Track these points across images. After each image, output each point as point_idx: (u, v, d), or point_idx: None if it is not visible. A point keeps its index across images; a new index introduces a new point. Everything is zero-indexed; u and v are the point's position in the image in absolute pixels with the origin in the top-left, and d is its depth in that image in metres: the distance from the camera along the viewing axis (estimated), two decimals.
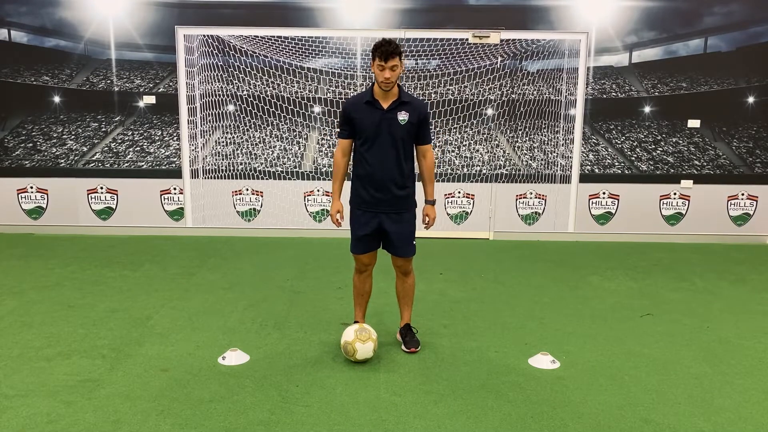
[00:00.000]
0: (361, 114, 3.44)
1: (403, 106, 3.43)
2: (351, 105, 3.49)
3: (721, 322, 4.21)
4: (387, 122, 3.41)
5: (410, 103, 3.45)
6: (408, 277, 3.71)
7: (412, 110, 3.44)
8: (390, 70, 3.29)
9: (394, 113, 3.41)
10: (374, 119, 3.41)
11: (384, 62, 3.27)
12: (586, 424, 2.84)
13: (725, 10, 6.46)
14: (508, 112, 6.58)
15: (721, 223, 6.82)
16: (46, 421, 2.80)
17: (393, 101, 3.42)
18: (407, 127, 3.44)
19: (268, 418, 2.85)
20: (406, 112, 3.42)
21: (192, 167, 6.68)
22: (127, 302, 4.47)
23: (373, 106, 3.42)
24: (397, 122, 3.42)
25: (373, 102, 3.42)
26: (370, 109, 3.42)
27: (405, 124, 3.43)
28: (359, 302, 3.79)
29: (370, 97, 3.43)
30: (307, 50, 6.42)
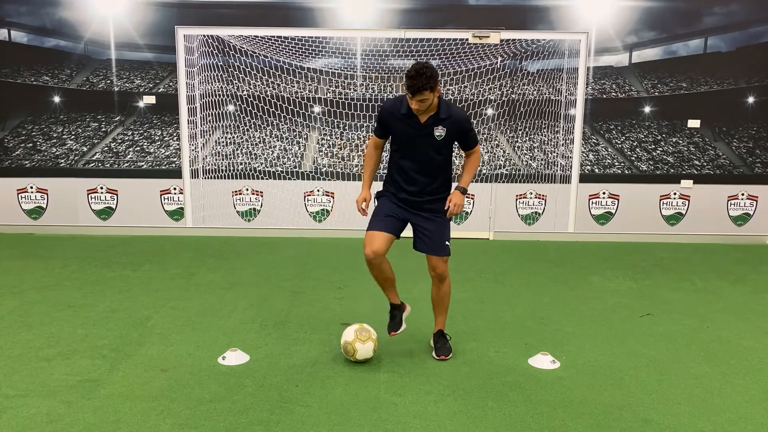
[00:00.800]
0: (397, 125, 3.32)
1: (440, 122, 3.27)
2: (387, 113, 3.35)
3: (721, 322, 4.21)
4: (423, 138, 3.29)
5: (449, 117, 3.28)
6: (443, 283, 3.51)
7: (450, 124, 3.28)
8: (417, 103, 3.16)
9: (431, 129, 3.28)
10: (410, 133, 3.29)
11: (412, 96, 3.13)
12: (586, 424, 2.84)
13: (725, 10, 6.46)
14: (508, 112, 6.58)
15: (721, 223, 6.82)
16: (46, 421, 2.80)
17: (431, 116, 3.26)
18: (444, 141, 3.31)
19: (268, 418, 2.85)
20: (443, 128, 3.27)
21: (192, 167, 6.68)
22: (127, 302, 4.47)
23: (410, 119, 3.27)
24: (434, 138, 3.29)
25: (409, 115, 3.27)
26: (407, 121, 3.28)
27: (441, 139, 3.30)
28: (387, 287, 3.56)
29: (407, 110, 3.25)
30: (307, 50, 6.42)
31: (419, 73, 3.07)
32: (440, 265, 3.44)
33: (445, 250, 3.43)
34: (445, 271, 3.47)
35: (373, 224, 3.40)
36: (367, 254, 3.35)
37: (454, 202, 3.36)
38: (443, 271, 3.46)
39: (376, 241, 3.34)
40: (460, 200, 3.37)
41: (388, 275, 3.49)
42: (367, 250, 3.35)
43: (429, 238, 3.41)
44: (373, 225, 3.40)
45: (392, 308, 3.64)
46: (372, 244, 3.34)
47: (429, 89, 3.10)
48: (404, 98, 3.26)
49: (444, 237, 3.44)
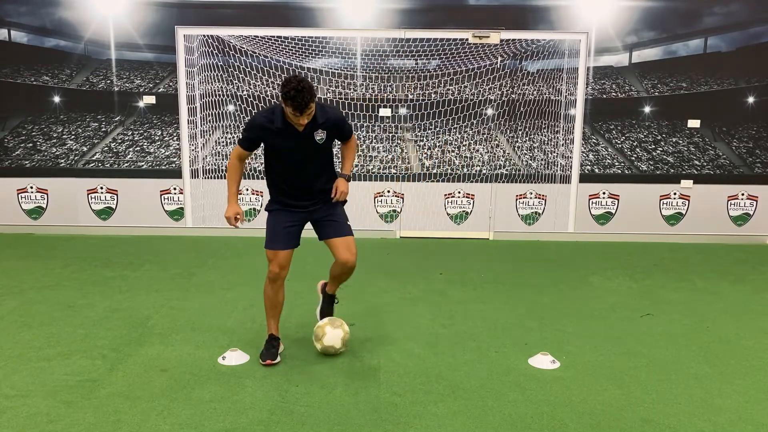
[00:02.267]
0: (273, 138, 3.25)
1: (319, 126, 3.25)
2: (260, 128, 3.25)
3: (721, 322, 4.21)
4: (305, 145, 3.26)
5: (326, 120, 3.26)
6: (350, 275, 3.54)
7: (329, 127, 3.28)
8: (306, 117, 3.11)
9: (310, 135, 3.25)
10: (290, 144, 3.25)
11: (300, 113, 3.06)
12: (586, 424, 2.84)
13: (725, 10, 6.46)
14: (508, 112, 6.58)
15: (721, 223, 6.82)
16: (46, 421, 2.80)
17: (308, 123, 3.20)
18: (326, 143, 3.32)
19: (268, 418, 2.85)
20: (323, 131, 3.27)
21: (192, 167, 6.68)
22: (127, 302, 4.47)
23: (287, 130, 3.22)
24: (315, 142, 3.27)
25: (285, 127, 3.21)
26: (284, 133, 3.22)
27: (323, 142, 3.30)
28: (273, 314, 3.51)
29: (281, 123, 3.20)
30: (307, 50, 6.42)
31: (299, 89, 3.00)
32: (350, 259, 3.41)
33: (348, 230, 3.44)
34: (355, 263, 3.46)
35: (272, 242, 3.39)
36: (273, 270, 3.37)
37: (341, 189, 3.40)
38: (354, 263, 3.44)
39: (279, 258, 3.36)
40: (345, 187, 3.42)
41: (280, 299, 3.50)
42: (272, 266, 3.37)
43: (330, 222, 3.41)
44: (273, 243, 3.38)
45: (271, 339, 3.52)
46: (276, 261, 3.36)
47: (312, 101, 3.08)
48: (276, 109, 3.22)
49: (343, 217, 3.47)
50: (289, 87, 3.01)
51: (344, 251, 3.42)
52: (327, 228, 3.44)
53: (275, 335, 3.54)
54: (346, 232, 3.44)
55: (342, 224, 3.45)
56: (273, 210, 3.45)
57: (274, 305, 3.50)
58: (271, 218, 3.44)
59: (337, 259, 3.46)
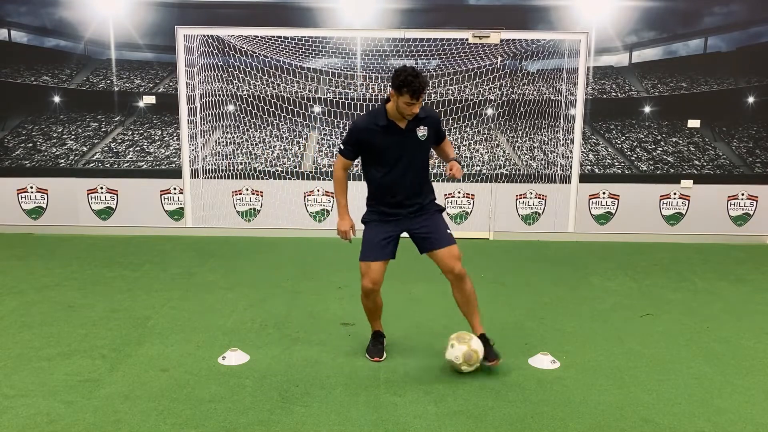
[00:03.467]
0: (377, 138, 3.24)
1: (421, 122, 3.26)
2: (364, 130, 3.27)
3: (721, 322, 4.21)
4: (408, 143, 3.26)
5: (427, 116, 3.29)
6: (464, 282, 3.36)
7: (430, 123, 3.30)
8: (419, 106, 3.14)
9: (413, 131, 3.26)
10: (394, 142, 3.25)
11: (416, 100, 3.08)
12: (586, 424, 2.84)
13: (725, 10, 6.46)
14: (508, 112, 6.58)
15: (721, 223, 6.82)
16: (46, 421, 2.80)
17: (410, 120, 3.24)
18: (427, 141, 3.33)
19: (268, 418, 2.85)
20: (424, 127, 3.28)
21: (192, 167, 6.68)
22: (127, 302, 4.47)
23: (391, 128, 3.23)
24: (418, 139, 3.28)
25: (389, 125, 3.23)
26: (388, 131, 3.24)
27: (425, 139, 3.30)
28: (374, 317, 3.57)
29: (385, 120, 3.22)
30: (307, 50, 6.42)
31: (415, 75, 3.04)
32: (456, 264, 3.32)
33: (449, 239, 3.36)
34: (463, 269, 3.35)
35: (367, 254, 3.34)
36: (366, 285, 3.34)
37: (457, 167, 3.29)
38: (461, 269, 3.34)
39: (373, 272, 3.32)
40: (458, 166, 3.31)
41: (379, 304, 3.51)
42: (365, 281, 3.34)
43: (429, 233, 3.35)
44: (367, 254, 3.34)
45: (376, 335, 3.60)
46: (370, 275, 3.32)
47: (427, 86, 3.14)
48: (376, 111, 3.27)
49: (443, 227, 3.39)
50: (405, 74, 3.04)
51: (448, 259, 3.32)
52: (428, 241, 3.36)
53: (380, 331, 3.59)
54: (447, 241, 3.35)
55: (443, 234, 3.36)
56: (370, 221, 3.41)
57: (373, 311, 3.53)
58: (368, 230, 3.40)
59: (443, 269, 3.36)
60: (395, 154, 3.27)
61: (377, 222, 3.38)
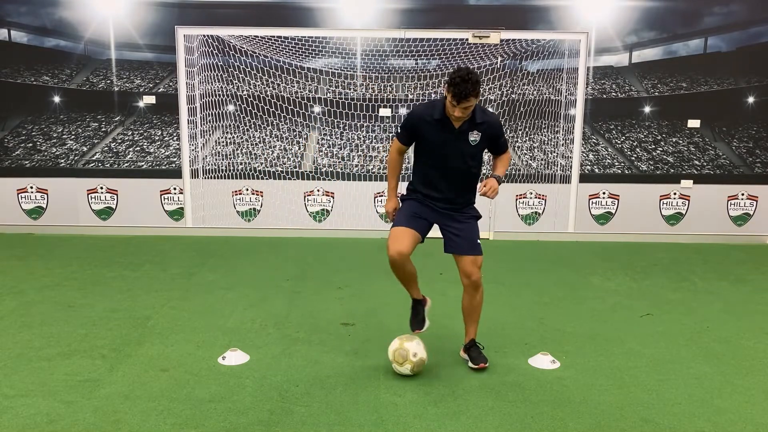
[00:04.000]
0: (429, 130, 3.22)
1: (476, 127, 3.21)
2: (418, 119, 3.24)
3: (721, 322, 4.21)
4: (457, 143, 3.21)
5: (484, 122, 3.21)
6: (477, 291, 3.36)
7: (485, 129, 3.23)
8: (461, 110, 3.07)
9: (465, 134, 3.21)
10: (443, 139, 3.21)
11: (456, 103, 3.04)
12: (586, 424, 2.84)
13: (725, 10, 6.46)
14: (508, 112, 6.58)
15: (721, 223, 6.82)
16: (46, 421, 2.80)
17: (465, 121, 3.19)
18: (478, 147, 3.26)
19: (268, 418, 2.85)
20: (478, 133, 3.22)
21: (192, 167, 6.68)
22: (127, 302, 4.47)
23: (444, 124, 3.19)
24: (468, 143, 3.22)
25: (443, 120, 3.18)
26: (440, 127, 3.19)
27: (476, 144, 3.24)
28: (409, 284, 3.43)
29: (440, 115, 3.17)
30: (307, 50, 6.42)
31: (465, 79, 2.98)
32: (475, 272, 3.30)
33: (477, 249, 3.32)
34: (480, 278, 3.33)
35: (399, 220, 3.31)
36: (392, 255, 3.22)
37: (491, 185, 3.23)
38: (478, 278, 3.32)
39: (401, 240, 3.22)
40: (495, 185, 3.25)
41: (411, 272, 3.37)
42: (391, 251, 3.21)
43: (459, 237, 3.31)
44: (399, 221, 3.31)
45: (415, 303, 3.53)
46: (396, 244, 3.21)
47: (474, 95, 3.03)
48: (437, 103, 3.20)
49: (475, 236, 3.35)
50: (457, 74, 3.01)
51: (469, 265, 3.30)
52: (457, 243, 3.32)
53: (418, 299, 3.49)
54: (475, 251, 3.32)
55: (473, 242, 3.33)
56: (408, 199, 3.40)
57: (405, 280, 3.39)
58: (406, 204, 3.39)
59: (462, 272, 3.34)
60: (441, 151, 3.23)
61: (415, 200, 3.37)
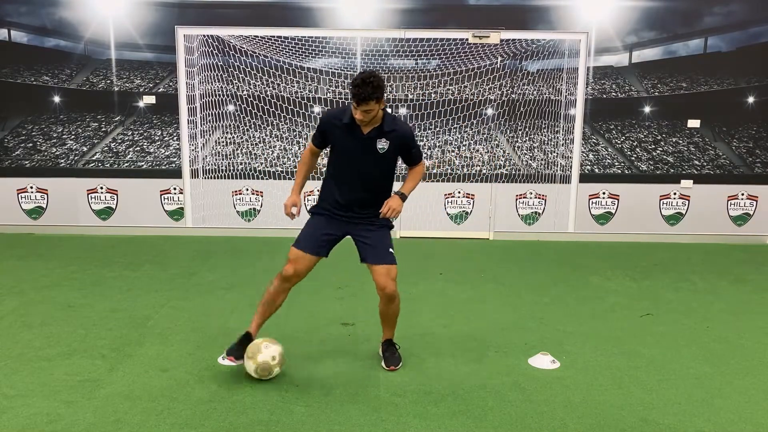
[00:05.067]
0: (337, 134, 3.18)
1: (384, 135, 3.15)
2: (329, 123, 3.21)
3: (721, 322, 4.21)
4: (364, 150, 3.15)
5: (393, 131, 3.16)
6: (393, 302, 3.28)
7: (394, 138, 3.16)
8: (362, 113, 3.01)
9: (373, 141, 3.15)
10: (350, 144, 3.16)
11: (356, 105, 2.99)
12: (586, 424, 2.84)
13: (725, 10, 6.46)
14: (508, 112, 6.58)
15: (721, 223, 6.82)
16: (46, 421, 2.80)
17: (375, 128, 3.14)
18: (387, 155, 3.18)
19: (268, 418, 2.85)
20: (386, 141, 3.15)
21: (192, 167, 6.68)
22: (127, 302, 4.47)
23: (352, 129, 3.14)
24: (376, 150, 3.15)
25: (351, 126, 3.13)
26: (349, 131, 3.14)
27: (384, 153, 3.16)
28: (262, 311, 3.36)
29: (349, 119, 3.12)
30: (307, 50, 6.42)
31: (365, 81, 2.94)
32: (389, 284, 3.20)
33: (389, 258, 3.23)
34: (395, 290, 3.25)
35: (302, 242, 3.27)
36: (288, 271, 3.25)
37: (391, 205, 3.18)
38: (393, 290, 3.23)
39: (301, 262, 3.24)
40: (397, 205, 3.19)
41: (279, 302, 3.36)
42: (288, 267, 3.25)
43: (371, 246, 3.24)
44: (302, 244, 3.26)
45: (246, 336, 3.36)
46: (297, 263, 3.23)
47: (375, 99, 2.99)
48: (349, 108, 3.13)
49: (386, 245, 3.26)
50: (360, 76, 2.99)
51: (383, 277, 3.20)
52: (369, 253, 3.25)
53: (252, 336, 3.36)
54: (388, 260, 3.23)
55: (385, 252, 3.24)
56: (316, 213, 3.34)
57: (269, 304, 3.35)
58: (311, 222, 3.34)
59: (376, 284, 3.25)
60: (348, 156, 3.19)
61: (323, 216, 3.30)
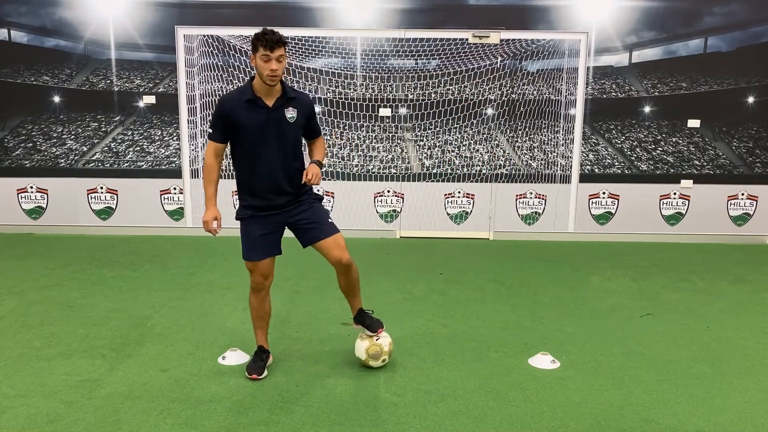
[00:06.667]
0: (242, 114, 3.03)
1: (290, 103, 3.08)
2: (228, 105, 3.05)
3: (721, 322, 4.21)
4: (274, 122, 3.05)
5: (297, 98, 3.11)
6: (351, 270, 3.23)
7: (300, 106, 3.11)
8: (276, 61, 2.93)
9: (281, 111, 3.06)
10: (259, 120, 3.03)
11: (270, 52, 2.91)
12: (586, 424, 2.84)
13: (725, 10, 6.46)
14: (508, 112, 6.58)
15: (721, 223, 6.82)
16: (46, 421, 2.80)
17: (278, 98, 3.06)
18: (296, 125, 3.11)
19: (268, 418, 2.85)
20: (293, 109, 3.08)
21: (192, 167, 6.68)
22: (127, 302, 4.47)
23: (256, 104, 3.03)
24: (286, 120, 3.07)
25: (255, 100, 3.03)
26: (253, 108, 3.03)
27: (294, 122, 3.09)
28: (260, 325, 3.37)
29: (251, 95, 3.02)
30: (307, 50, 6.42)
31: (269, 29, 2.94)
32: (343, 255, 3.16)
33: (333, 228, 3.20)
34: (350, 257, 3.20)
35: (250, 254, 3.22)
36: (256, 281, 3.24)
37: (313, 171, 3.09)
38: (348, 259, 3.18)
39: (260, 268, 3.22)
40: (317, 170, 3.11)
41: (267, 309, 3.37)
42: (255, 277, 3.23)
43: (314, 225, 3.19)
44: (250, 254, 3.22)
45: (260, 351, 3.38)
46: (259, 270, 3.22)
47: (284, 44, 2.97)
48: (243, 87, 3.08)
49: (325, 216, 3.24)
50: (259, 31, 2.96)
51: (334, 249, 3.16)
52: (311, 232, 3.20)
53: (264, 347, 3.39)
54: (331, 230, 3.18)
55: (325, 224, 3.20)
56: (245, 218, 3.24)
57: (260, 315, 3.35)
58: (244, 227, 3.24)
59: (329, 260, 3.21)
60: (261, 133, 3.06)
61: (253, 217, 3.21)
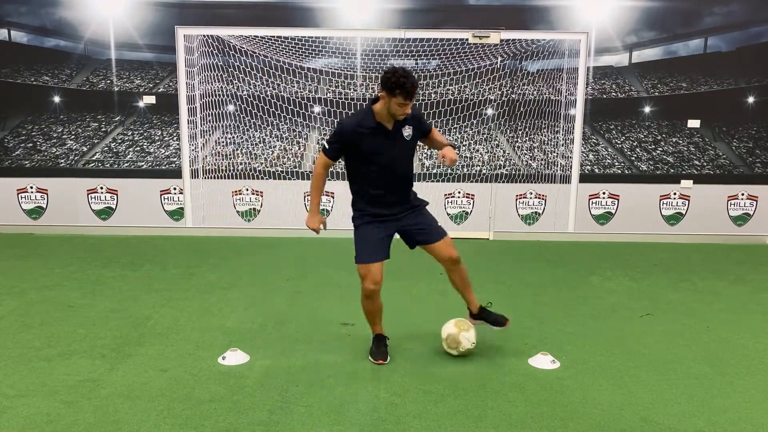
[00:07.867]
0: (366, 140, 3.23)
1: (405, 122, 3.29)
2: (355, 132, 3.23)
3: (721, 322, 4.21)
4: (395, 143, 3.28)
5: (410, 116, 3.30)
6: (461, 264, 3.47)
7: (412, 121, 3.32)
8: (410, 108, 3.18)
9: (399, 132, 3.29)
10: (382, 143, 3.25)
11: (409, 101, 3.11)
12: (586, 424, 2.84)
13: (725, 10, 6.46)
14: (508, 112, 6.58)
15: (721, 223, 6.82)
16: (46, 421, 2.80)
17: (396, 120, 3.27)
18: (413, 140, 3.37)
19: (268, 418, 2.85)
20: (409, 127, 3.31)
21: (192, 167, 6.68)
22: (127, 302, 4.47)
23: (379, 130, 3.24)
24: (404, 140, 3.31)
25: (378, 127, 3.23)
26: (377, 134, 3.24)
27: (411, 138, 3.34)
28: (375, 321, 3.55)
29: (373, 123, 3.22)
30: (307, 50, 6.42)
31: (406, 74, 3.07)
32: (453, 251, 3.42)
33: (443, 230, 3.45)
34: (458, 254, 3.44)
35: (364, 255, 3.35)
36: (369, 287, 3.35)
37: (449, 155, 3.31)
38: (457, 254, 3.44)
39: (374, 273, 3.33)
40: (453, 153, 3.33)
41: (379, 306, 3.50)
42: (367, 283, 3.34)
43: (426, 229, 3.42)
44: (365, 257, 3.35)
45: (379, 337, 3.58)
46: (371, 276, 3.33)
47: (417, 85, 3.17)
48: (364, 112, 3.26)
49: (434, 221, 3.48)
50: (397, 76, 3.06)
51: (446, 248, 3.41)
52: (424, 235, 3.41)
53: (382, 334, 3.57)
54: (442, 233, 3.43)
55: (436, 227, 3.44)
56: (363, 224, 3.39)
57: (374, 313, 3.52)
58: (362, 231, 3.39)
59: (441, 259, 3.44)
60: (385, 156, 3.27)
61: (370, 223, 3.38)
